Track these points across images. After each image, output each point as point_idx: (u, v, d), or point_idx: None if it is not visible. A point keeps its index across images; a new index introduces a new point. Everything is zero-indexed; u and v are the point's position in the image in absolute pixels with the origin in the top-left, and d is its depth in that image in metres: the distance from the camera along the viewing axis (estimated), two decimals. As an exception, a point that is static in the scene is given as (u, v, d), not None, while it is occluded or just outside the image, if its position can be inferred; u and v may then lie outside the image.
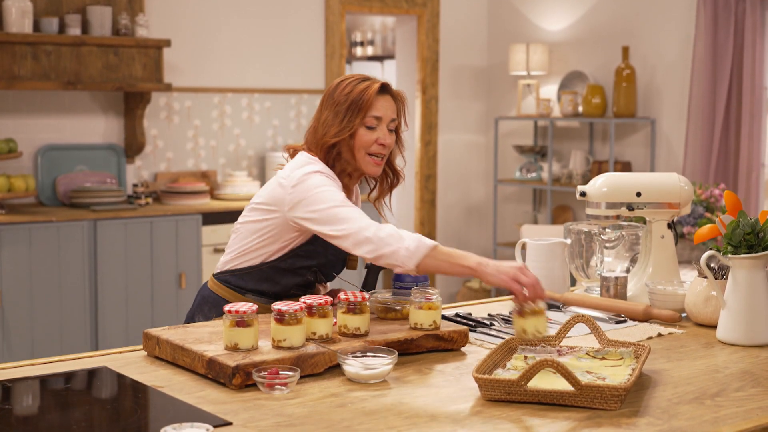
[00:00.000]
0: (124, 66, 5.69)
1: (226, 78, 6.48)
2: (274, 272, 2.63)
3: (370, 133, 2.63)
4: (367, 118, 2.63)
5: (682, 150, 6.37)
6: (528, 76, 7.21)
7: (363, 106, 2.62)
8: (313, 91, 6.84)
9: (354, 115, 2.62)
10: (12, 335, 5.20)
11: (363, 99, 2.62)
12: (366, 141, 2.63)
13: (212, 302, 2.68)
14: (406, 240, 2.38)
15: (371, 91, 2.62)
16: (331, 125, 2.64)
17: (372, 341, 2.23)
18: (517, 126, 7.48)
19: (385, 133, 2.65)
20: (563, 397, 1.91)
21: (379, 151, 2.65)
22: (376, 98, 2.63)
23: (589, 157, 6.84)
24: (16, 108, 5.72)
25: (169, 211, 5.67)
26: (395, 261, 2.39)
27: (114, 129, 6.07)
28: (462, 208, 7.67)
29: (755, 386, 2.07)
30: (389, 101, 2.67)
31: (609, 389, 1.89)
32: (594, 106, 6.62)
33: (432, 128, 7.49)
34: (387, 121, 2.66)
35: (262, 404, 1.93)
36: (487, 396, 1.96)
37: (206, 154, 6.44)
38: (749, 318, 2.42)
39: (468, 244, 7.70)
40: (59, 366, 2.21)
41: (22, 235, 5.20)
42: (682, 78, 6.37)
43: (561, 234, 5.57)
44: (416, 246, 2.37)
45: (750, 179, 5.89)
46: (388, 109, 2.66)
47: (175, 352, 2.20)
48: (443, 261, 2.39)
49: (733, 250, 2.44)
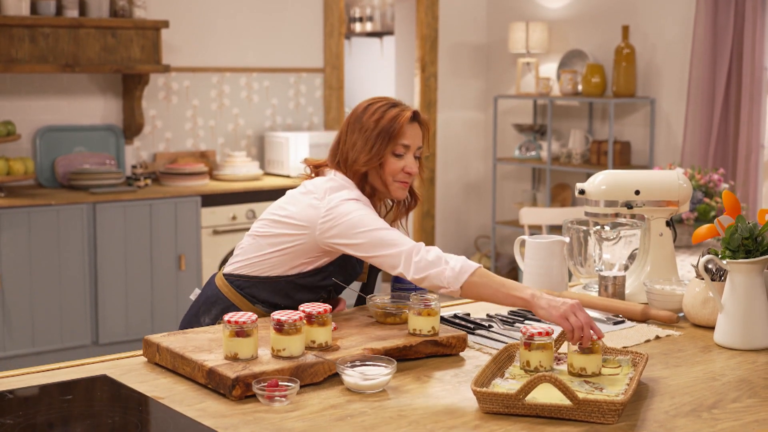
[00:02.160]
0: (122, 48, 5.67)
1: (224, 57, 6.46)
2: (290, 287, 2.61)
3: (397, 161, 2.63)
4: (397, 146, 2.62)
5: (681, 130, 6.36)
6: (527, 54, 7.19)
7: (393, 135, 2.61)
8: (312, 70, 6.82)
9: (384, 143, 2.61)
10: (12, 319, 5.21)
11: (394, 128, 2.60)
12: (394, 169, 2.63)
13: (221, 304, 2.65)
14: (451, 261, 2.40)
15: (402, 120, 2.61)
16: (360, 152, 2.62)
17: (371, 349, 2.24)
18: (516, 104, 7.47)
19: (412, 161, 2.65)
20: (561, 411, 1.93)
21: (406, 179, 2.66)
22: (407, 126, 2.63)
23: (588, 136, 6.83)
24: (15, 90, 5.70)
25: (168, 194, 5.67)
26: (440, 282, 2.40)
27: (112, 110, 6.06)
28: (461, 186, 7.67)
29: (752, 396, 2.09)
30: (417, 129, 2.66)
31: (606, 404, 1.90)
32: (593, 86, 6.60)
33: (431, 106, 7.47)
34: (414, 149, 2.65)
35: (261, 417, 1.94)
36: (486, 409, 1.97)
37: (205, 134, 6.43)
38: (746, 322, 2.43)
39: (467, 222, 7.71)
40: (59, 374, 2.22)
41: (21, 219, 5.20)
42: (682, 58, 6.35)
43: (560, 216, 5.58)
44: (461, 266, 2.39)
45: (749, 160, 5.89)
46: (416, 137, 2.65)
47: (175, 361, 2.21)
48: (490, 284, 2.39)
49: (731, 254, 2.44)
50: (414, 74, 7.55)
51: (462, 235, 7.71)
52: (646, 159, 6.60)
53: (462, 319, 2.65)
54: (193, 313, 2.74)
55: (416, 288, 2.62)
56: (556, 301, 2.29)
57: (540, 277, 2.91)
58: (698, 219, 4.67)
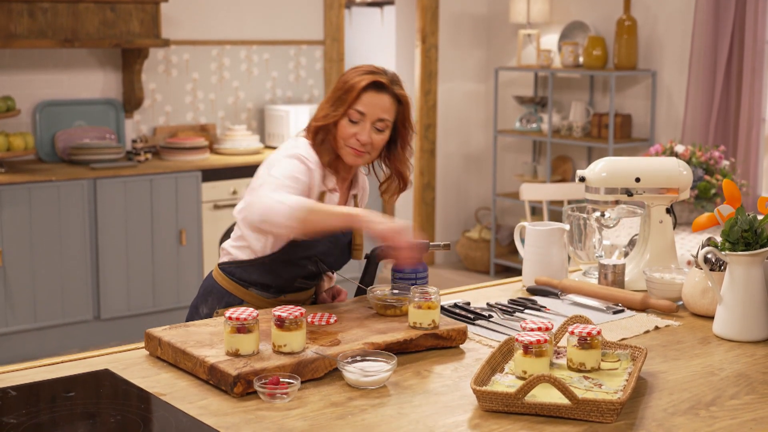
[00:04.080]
0: (121, 22, 5.64)
1: (224, 30, 6.43)
2: (276, 265, 2.64)
3: (350, 126, 2.62)
4: (350, 111, 2.61)
5: (682, 102, 6.35)
6: (528, 26, 7.15)
7: (349, 100, 2.60)
8: (312, 42, 6.80)
9: (340, 105, 2.62)
10: (14, 295, 5.23)
11: (349, 91, 2.61)
12: (345, 133, 2.62)
13: (216, 294, 2.69)
14: (287, 200, 2.38)
15: (360, 84, 2.60)
16: (321, 109, 2.67)
17: (371, 344, 2.25)
18: (517, 76, 7.44)
19: (366, 129, 2.62)
20: (560, 410, 1.94)
21: (357, 147, 2.63)
22: (366, 93, 2.60)
23: (589, 108, 6.82)
24: (14, 64, 5.69)
25: (168, 168, 5.67)
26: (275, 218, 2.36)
27: (112, 83, 6.04)
28: (461, 157, 7.66)
29: (750, 392, 2.10)
30: (382, 100, 2.62)
31: (605, 403, 1.91)
32: (595, 58, 6.58)
33: (432, 77, 7.45)
34: (372, 119, 2.62)
35: (263, 416, 1.96)
36: (485, 407, 1.98)
37: (205, 107, 6.42)
38: (745, 314, 2.45)
39: (467, 193, 7.71)
40: (61, 368, 2.23)
41: (22, 195, 5.21)
42: (684, 30, 6.33)
43: (560, 192, 5.58)
44: (295, 202, 2.37)
45: (750, 133, 5.88)
46: (375, 107, 2.61)
47: (176, 355, 2.22)
48: (323, 212, 2.41)
49: (730, 246, 2.45)
50: (415, 45, 7.52)
51: (462, 206, 7.72)
52: (647, 132, 6.59)
53: (462, 308, 2.66)
54: (194, 305, 2.77)
55: (416, 280, 2.63)
56: (383, 219, 2.37)
57: (540, 264, 2.92)
58: (698, 197, 4.68)
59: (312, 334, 2.32)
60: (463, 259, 7.50)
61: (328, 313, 2.46)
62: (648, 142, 6.52)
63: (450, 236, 7.67)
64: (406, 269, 2.67)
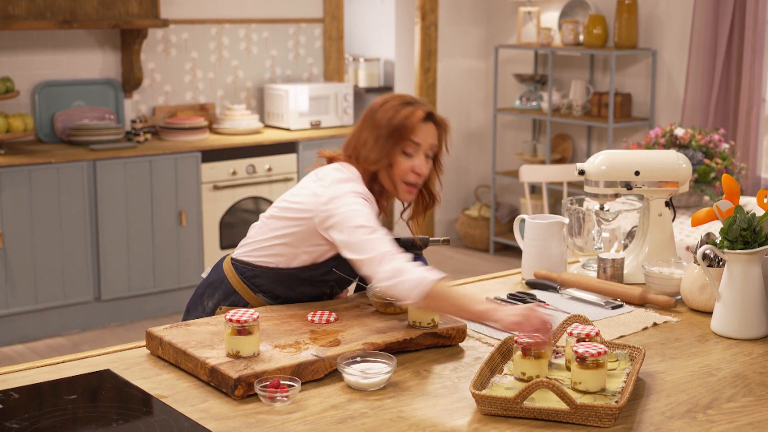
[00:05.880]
0: (119, 2, 5.62)
1: (223, 9, 6.41)
2: (293, 280, 2.61)
3: (407, 160, 2.60)
4: (407, 144, 2.59)
5: (682, 82, 6.33)
6: (528, 3, 7.13)
7: (404, 133, 2.58)
8: (312, 20, 6.77)
9: (394, 142, 2.58)
10: (15, 276, 5.24)
11: (405, 126, 2.58)
12: (403, 169, 2.60)
13: (224, 290, 2.66)
14: (411, 273, 2.32)
15: (414, 119, 2.58)
16: (371, 150, 2.60)
17: (371, 344, 2.27)
18: (517, 54, 7.42)
19: (422, 160, 2.61)
20: (558, 414, 1.95)
21: (415, 180, 2.62)
22: (419, 125, 2.60)
23: (589, 87, 6.80)
24: (12, 45, 5.67)
25: (168, 149, 5.67)
26: (399, 295, 2.34)
27: (111, 63, 6.03)
28: (461, 134, 7.65)
29: (747, 395, 2.11)
30: (431, 128, 2.63)
31: (603, 408, 1.93)
32: (595, 37, 6.56)
33: (431, 55, 7.43)
34: (426, 148, 2.62)
35: (263, 420, 1.97)
36: (484, 411, 2.00)
37: (204, 86, 6.41)
38: (743, 312, 2.46)
39: (467, 171, 7.71)
40: (62, 369, 2.24)
41: (21, 177, 5.21)
42: (685, 9, 6.30)
43: (559, 174, 5.58)
44: (419, 280, 2.31)
45: (750, 114, 5.87)
46: (428, 136, 2.62)
47: (177, 356, 2.23)
48: (447, 299, 2.33)
49: (729, 245, 2.46)
50: (414, 22, 7.49)
51: (462, 184, 7.72)
52: (647, 111, 6.58)
53: (461, 304, 2.67)
54: (199, 293, 2.75)
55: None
56: (510, 308, 2.24)
57: (539, 257, 2.93)
58: (698, 180, 4.68)
59: (312, 334, 2.33)
60: (462, 236, 7.51)
61: (328, 312, 2.47)
62: (648, 122, 6.51)
63: (449, 214, 7.68)
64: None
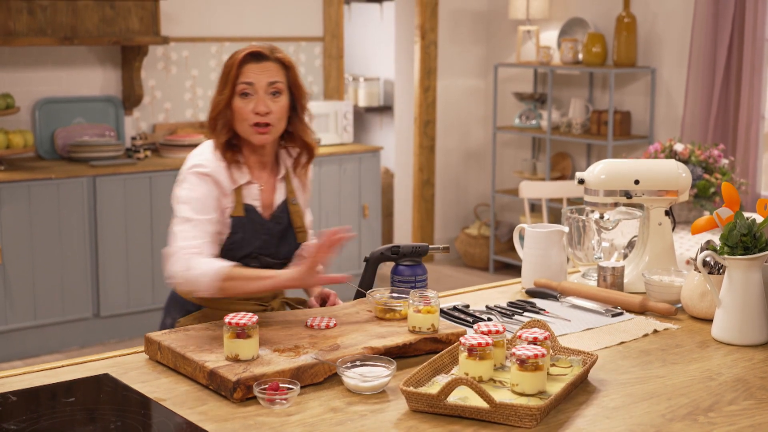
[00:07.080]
0: (120, 19, 5.64)
1: (223, 27, 6.43)
2: None
3: (245, 102, 2.57)
4: (238, 86, 2.56)
5: (682, 100, 6.35)
6: (528, 22, 7.15)
7: (231, 77, 2.56)
8: (312, 39, 6.80)
9: (226, 87, 2.57)
10: (14, 292, 5.24)
11: (230, 68, 2.56)
12: (242, 112, 2.57)
13: (178, 303, 2.77)
14: (203, 266, 2.48)
15: (236, 59, 2.56)
16: (216, 105, 2.62)
17: (371, 348, 2.26)
18: (516, 72, 7.44)
19: (262, 99, 2.56)
20: (480, 413, 1.95)
21: (259, 120, 2.57)
22: (247, 65, 2.55)
23: (588, 105, 6.82)
24: (13, 62, 5.68)
25: (167, 166, 5.67)
26: (193, 283, 2.51)
27: (111, 81, 6.04)
28: (461, 153, 7.66)
29: (748, 398, 2.11)
30: (266, 66, 2.57)
31: (522, 408, 1.92)
32: (594, 55, 6.58)
33: (431, 73, 7.45)
34: (263, 87, 2.56)
35: (263, 422, 1.96)
36: (412, 407, 2.01)
37: (204, 104, 6.42)
38: (744, 318, 2.45)
39: (467, 190, 7.72)
40: (61, 373, 2.24)
41: (21, 193, 5.21)
42: (684, 27, 6.33)
43: (559, 190, 5.58)
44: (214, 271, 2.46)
45: (749, 131, 5.88)
46: (261, 73, 2.56)
47: (176, 360, 2.23)
48: (240, 277, 2.46)
49: (729, 251, 2.45)
50: (414, 41, 7.51)
51: (461, 203, 7.72)
52: (646, 129, 6.60)
53: (461, 311, 2.67)
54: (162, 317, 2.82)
55: (416, 283, 2.64)
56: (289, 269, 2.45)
57: (539, 266, 2.92)
58: (698, 195, 4.68)
59: (312, 339, 2.33)
60: (462, 255, 7.51)
61: (328, 317, 2.46)
62: (647, 140, 6.52)
63: (449, 233, 7.67)
64: (406, 272, 2.68)
